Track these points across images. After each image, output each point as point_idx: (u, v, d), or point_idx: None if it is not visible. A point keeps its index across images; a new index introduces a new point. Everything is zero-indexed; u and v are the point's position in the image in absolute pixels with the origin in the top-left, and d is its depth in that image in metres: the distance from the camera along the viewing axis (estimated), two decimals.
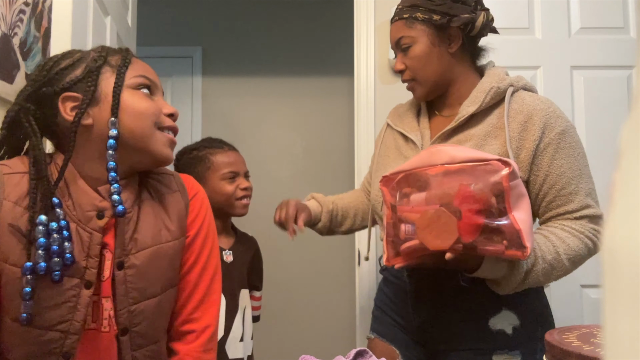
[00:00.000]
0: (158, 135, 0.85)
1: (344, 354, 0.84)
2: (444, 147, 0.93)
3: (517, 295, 1.01)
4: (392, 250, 0.94)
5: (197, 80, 3.05)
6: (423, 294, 1.10)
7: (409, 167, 0.94)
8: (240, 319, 1.39)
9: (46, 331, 0.77)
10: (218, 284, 0.95)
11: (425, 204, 0.87)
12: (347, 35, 2.35)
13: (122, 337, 0.82)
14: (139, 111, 0.83)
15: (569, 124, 1.03)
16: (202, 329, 0.90)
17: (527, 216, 0.85)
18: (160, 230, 0.87)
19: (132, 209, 0.85)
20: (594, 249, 1.00)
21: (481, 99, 1.04)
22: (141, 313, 0.84)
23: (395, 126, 1.20)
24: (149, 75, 0.87)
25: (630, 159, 0.24)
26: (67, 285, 0.77)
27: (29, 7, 1.21)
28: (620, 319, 0.23)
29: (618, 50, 1.78)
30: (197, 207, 0.94)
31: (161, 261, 0.86)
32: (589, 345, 0.59)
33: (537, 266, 0.95)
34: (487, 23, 1.09)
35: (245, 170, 1.43)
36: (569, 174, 1.00)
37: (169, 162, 0.88)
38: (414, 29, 1.07)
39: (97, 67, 0.82)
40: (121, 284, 0.82)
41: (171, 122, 0.88)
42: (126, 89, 0.83)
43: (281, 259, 2.84)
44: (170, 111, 0.88)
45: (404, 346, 1.14)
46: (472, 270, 0.94)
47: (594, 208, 1.01)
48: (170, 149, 0.87)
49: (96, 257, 0.80)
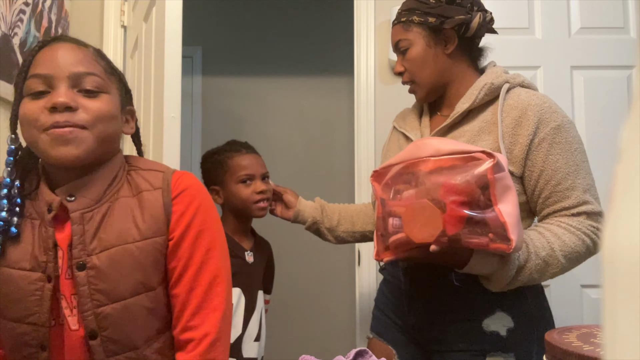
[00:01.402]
0: (42, 137, 0.78)
1: (344, 354, 0.84)
2: (430, 140, 0.94)
3: (512, 297, 1.00)
4: (381, 245, 0.94)
5: (197, 80, 3.05)
6: (418, 293, 1.10)
7: (397, 160, 0.94)
8: (257, 319, 1.42)
9: (18, 324, 0.80)
10: (220, 288, 0.87)
11: (415, 198, 0.88)
12: (347, 35, 2.35)
13: (92, 342, 0.80)
14: (21, 121, 0.81)
15: (566, 119, 1.02)
16: (201, 337, 0.84)
17: (514, 209, 0.84)
18: (128, 229, 0.83)
19: (95, 206, 0.83)
20: (592, 246, 0.98)
21: (475, 95, 1.05)
22: (108, 317, 0.80)
23: (399, 127, 1.22)
24: (41, 69, 0.80)
25: (630, 159, 0.24)
26: (30, 279, 0.80)
27: (29, 7, 1.21)
28: (620, 319, 0.23)
29: (618, 50, 1.77)
30: (184, 205, 0.87)
31: (126, 262, 0.82)
32: (589, 345, 0.59)
33: (530, 262, 0.94)
34: (484, 24, 1.09)
35: (262, 172, 1.43)
36: (564, 169, 0.98)
37: (65, 161, 0.79)
38: (411, 31, 1.10)
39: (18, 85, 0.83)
40: (83, 285, 0.80)
41: (52, 119, 0.78)
42: (24, 98, 0.81)
43: (281, 259, 2.84)
44: (50, 104, 0.78)
45: (400, 346, 1.14)
46: (461, 265, 0.93)
47: (593, 204, 0.99)
48: (60, 145, 0.78)
49: (51, 251, 0.81)
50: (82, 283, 0.80)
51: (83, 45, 0.86)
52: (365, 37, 1.89)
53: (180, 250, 0.86)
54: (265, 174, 1.45)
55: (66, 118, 0.78)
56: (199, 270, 0.86)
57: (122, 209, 0.84)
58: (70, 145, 0.78)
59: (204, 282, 0.86)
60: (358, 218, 1.37)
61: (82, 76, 0.81)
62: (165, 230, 0.86)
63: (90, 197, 0.83)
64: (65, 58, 0.81)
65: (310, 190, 2.83)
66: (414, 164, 0.91)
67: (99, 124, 0.82)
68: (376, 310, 1.24)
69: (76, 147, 0.79)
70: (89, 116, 0.80)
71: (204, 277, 0.86)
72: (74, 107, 0.79)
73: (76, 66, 0.81)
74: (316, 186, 2.93)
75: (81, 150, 0.79)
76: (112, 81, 0.86)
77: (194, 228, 0.87)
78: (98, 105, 0.82)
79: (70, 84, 0.80)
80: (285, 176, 2.97)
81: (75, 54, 0.82)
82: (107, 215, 0.83)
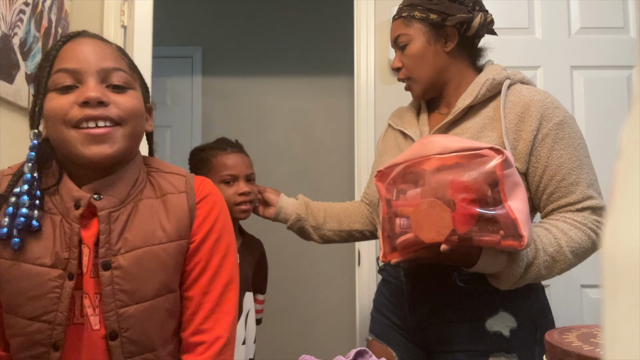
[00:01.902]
0: (73, 135, 0.77)
1: (344, 354, 0.84)
2: (436, 138, 0.92)
3: (514, 296, 1.00)
4: (388, 246, 0.92)
5: (197, 80, 3.05)
6: (419, 294, 1.09)
7: (403, 160, 0.93)
8: (242, 322, 1.39)
9: (33, 322, 0.78)
10: (233, 293, 0.89)
11: (421, 198, 0.86)
12: (347, 35, 2.35)
13: (111, 342, 0.80)
14: (47, 116, 0.78)
15: (568, 114, 1.02)
16: (213, 340, 0.85)
17: (524, 205, 0.83)
18: (154, 230, 0.83)
19: (121, 206, 0.83)
20: (598, 241, 0.97)
21: (477, 91, 1.04)
22: (130, 317, 0.80)
23: (396, 125, 1.20)
24: (68, 64, 0.79)
25: (630, 159, 0.24)
26: (50, 275, 0.78)
27: (29, 7, 1.21)
28: (620, 319, 0.23)
29: (618, 50, 1.77)
30: (206, 210, 0.88)
31: (151, 263, 0.82)
32: (589, 345, 0.59)
33: (539, 259, 0.93)
34: (485, 24, 1.09)
35: (247, 173, 1.37)
36: (568, 164, 0.98)
37: (97, 160, 0.78)
38: (411, 27, 1.09)
39: (42, 82, 0.81)
40: (107, 285, 0.79)
41: (83, 112, 0.76)
42: (49, 93, 0.79)
43: (281, 259, 2.84)
44: (82, 98, 0.76)
45: (401, 348, 1.13)
46: (470, 264, 0.92)
47: (597, 199, 0.99)
48: (93, 144, 0.77)
49: (75, 248, 0.79)
50: (106, 282, 0.79)
51: (107, 42, 0.85)
52: (365, 37, 1.89)
53: (199, 254, 0.87)
54: (250, 175, 1.39)
55: (99, 112, 0.77)
56: (215, 275, 0.87)
57: (146, 209, 0.84)
58: (105, 144, 0.78)
59: (219, 286, 0.87)
60: (345, 216, 1.33)
61: (110, 71, 0.80)
62: (188, 233, 0.86)
63: (117, 197, 0.82)
64: (93, 53, 0.80)
65: (310, 191, 2.84)
66: (418, 162, 0.90)
67: (132, 120, 0.81)
68: (375, 312, 1.23)
69: (110, 146, 0.78)
70: (122, 111, 0.80)
71: (219, 281, 0.87)
72: (106, 102, 0.78)
73: (104, 61, 0.80)
74: (316, 186, 2.93)
75: (114, 149, 0.79)
76: (135, 78, 0.86)
77: (214, 233, 0.88)
78: (128, 100, 0.81)
79: (99, 79, 0.79)
80: (285, 176, 2.97)
81: (102, 49, 0.81)
82: (131, 215, 0.83)
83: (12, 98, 1.13)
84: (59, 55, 0.80)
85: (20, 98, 1.16)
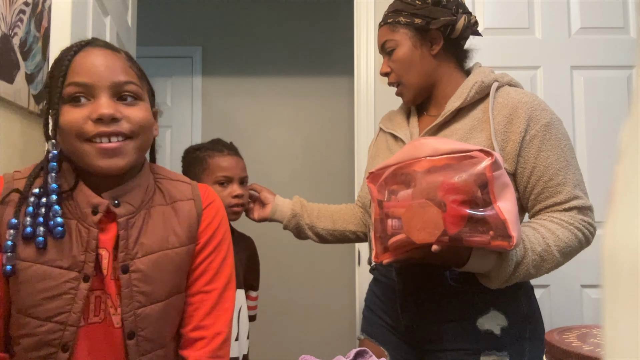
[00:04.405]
0: (86, 148, 0.80)
1: (344, 354, 0.85)
2: (427, 140, 0.94)
3: (505, 295, 1.01)
4: (380, 246, 0.94)
5: (197, 80, 3.05)
6: (411, 293, 1.10)
7: (394, 161, 0.94)
8: (235, 319, 1.40)
9: (45, 322, 0.80)
10: (231, 292, 0.95)
11: (412, 199, 0.88)
12: (347, 35, 2.35)
13: (129, 341, 0.84)
14: (61, 129, 0.80)
15: (554, 116, 1.04)
16: (213, 335, 0.90)
17: (513, 206, 0.85)
18: (168, 236, 0.88)
19: (136, 212, 0.87)
20: (584, 241, 1.00)
21: (466, 94, 1.07)
22: (147, 317, 0.85)
23: (386, 129, 1.23)
24: (80, 77, 0.80)
25: (630, 159, 0.24)
26: (66, 277, 0.81)
27: (29, 7, 1.21)
28: (620, 319, 0.23)
29: (618, 50, 1.78)
30: (211, 215, 0.95)
31: (167, 267, 0.87)
32: (589, 345, 0.59)
33: (527, 258, 0.95)
34: (469, 26, 1.12)
35: (241, 176, 1.40)
36: (556, 165, 1.00)
37: (110, 172, 0.82)
38: (397, 32, 1.13)
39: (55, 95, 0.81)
40: (126, 287, 0.83)
41: (97, 129, 0.79)
42: (63, 106, 0.80)
43: (281, 259, 2.85)
44: (96, 115, 0.79)
45: (393, 347, 1.14)
46: (460, 264, 0.94)
47: (583, 199, 1.01)
48: (106, 157, 0.80)
49: (93, 251, 0.82)
50: (125, 285, 0.83)
51: (116, 51, 0.87)
52: (365, 37, 1.89)
53: (202, 255, 0.93)
54: (244, 178, 1.41)
55: (113, 129, 0.80)
56: (216, 274, 0.93)
57: (159, 216, 0.89)
58: (117, 157, 0.81)
59: (219, 285, 0.93)
60: (338, 217, 1.36)
61: (122, 85, 0.82)
62: (196, 238, 0.93)
63: (133, 204, 0.87)
64: (105, 67, 0.82)
65: (310, 191, 2.84)
66: (409, 164, 0.91)
67: (142, 132, 0.85)
68: (367, 311, 1.24)
69: (122, 159, 0.82)
70: (133, 126, 0.83)
71: (219, 281, 0.93)
72: (118, 118, 0.81)
73: (117, 75, 0.82)
74: (316, 186, 2.93)
75: (126, 161, 0.83)
76: (143, 86, 0.88)
77: (217, 237, 0.95)
78: (138, 114, 0.84)
79: (111, 94, 0.82)
80: (285, 176, 2.97)
81: (113, 61, 0.83)
82: (145, 221, 0.87)
83: (12, 98, 1.13)
84: (71, 66, 0.81)
85: (20, 98, 1.16)
